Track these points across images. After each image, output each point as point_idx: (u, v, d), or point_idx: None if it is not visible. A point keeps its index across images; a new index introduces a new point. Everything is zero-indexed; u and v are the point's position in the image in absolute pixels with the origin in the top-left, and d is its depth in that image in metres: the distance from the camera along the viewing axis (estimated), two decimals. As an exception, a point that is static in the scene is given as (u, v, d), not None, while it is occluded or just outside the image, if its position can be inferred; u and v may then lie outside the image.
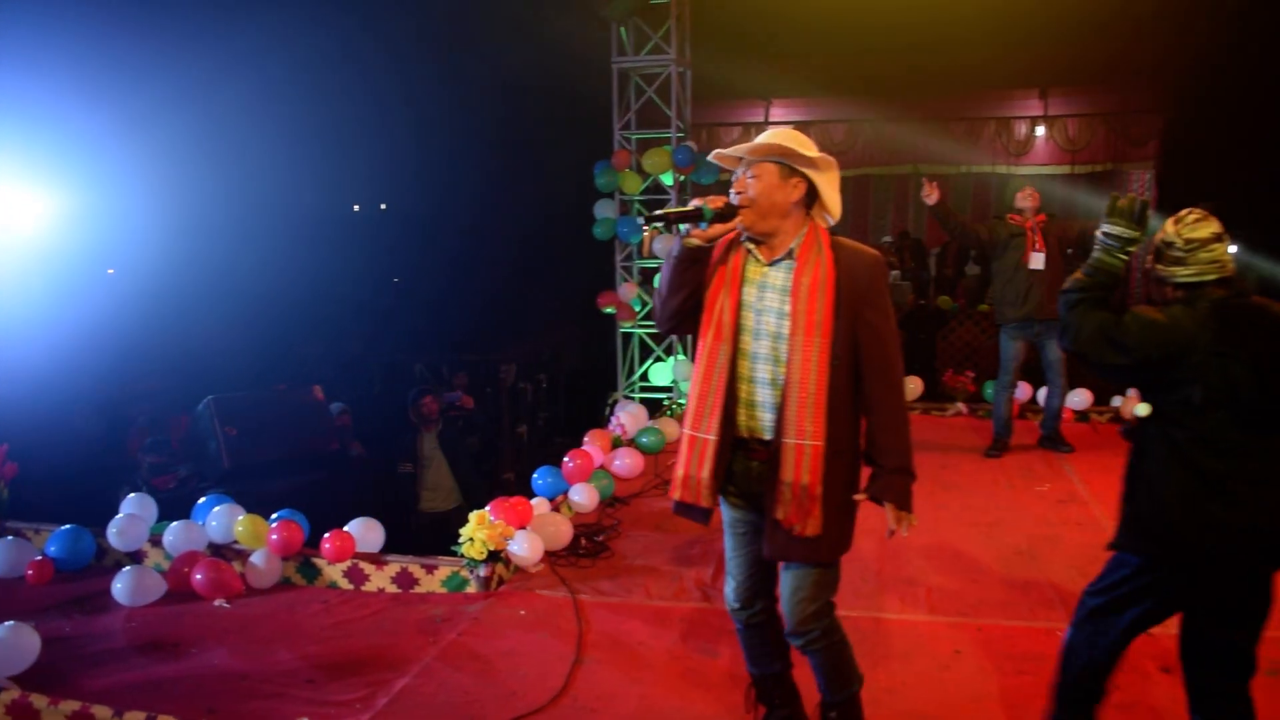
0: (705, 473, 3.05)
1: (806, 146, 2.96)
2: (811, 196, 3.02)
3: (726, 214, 2.98)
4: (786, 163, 2.96)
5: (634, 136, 9.08)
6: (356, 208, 19.95)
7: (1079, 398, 8.29)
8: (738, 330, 3.03)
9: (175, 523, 5.22)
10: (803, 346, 2.92)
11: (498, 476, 10.26)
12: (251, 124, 12.40)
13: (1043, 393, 8.16)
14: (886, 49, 14.05)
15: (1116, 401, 8.33)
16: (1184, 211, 2.99)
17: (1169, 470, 2.89)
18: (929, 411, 8.85)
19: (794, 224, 3.00)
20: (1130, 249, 2.99)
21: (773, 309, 2.99)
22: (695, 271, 3.06)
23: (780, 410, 2.96)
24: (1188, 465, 2.85)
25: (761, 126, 16.23)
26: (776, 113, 16.29)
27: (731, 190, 3.02)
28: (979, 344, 13.68)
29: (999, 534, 5.69)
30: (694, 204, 2.99)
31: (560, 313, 14.43)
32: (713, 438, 3.03)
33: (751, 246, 3.05)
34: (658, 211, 3.10)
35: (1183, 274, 2.92)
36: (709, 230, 2.98)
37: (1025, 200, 7.24)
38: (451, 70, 13.63)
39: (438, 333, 12.98)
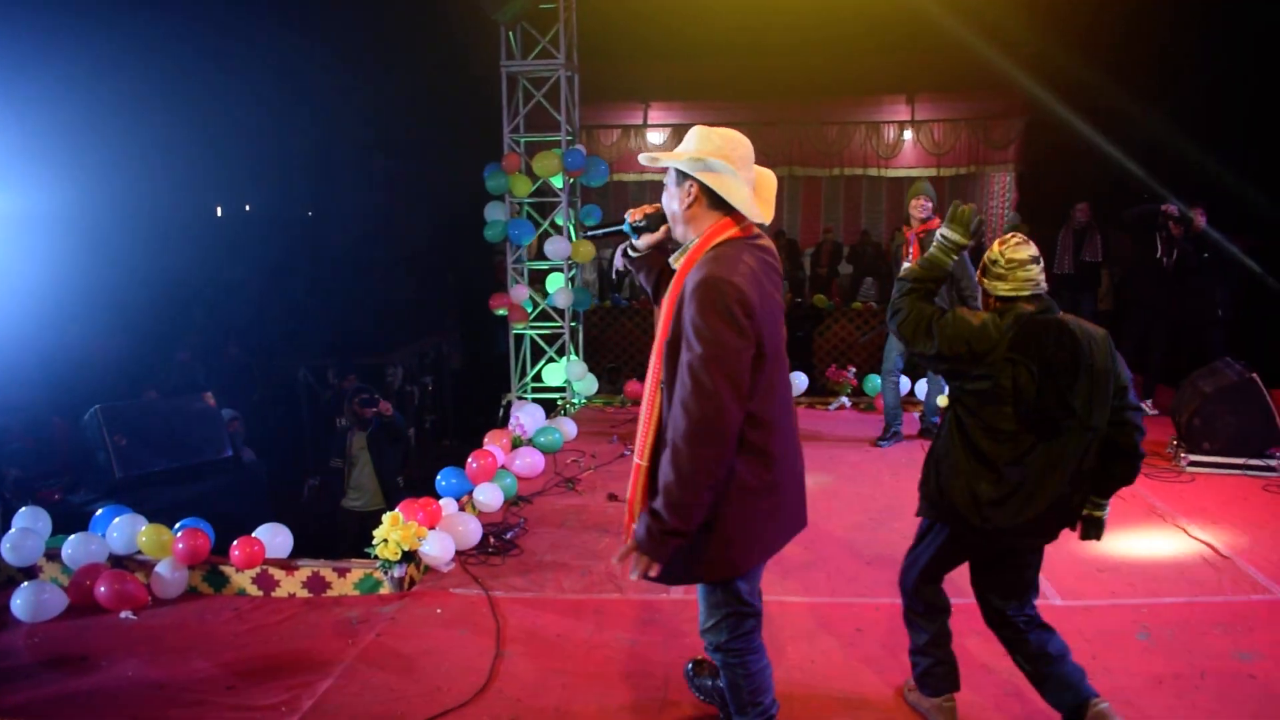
0: None
1: (706, 144, 2.87)
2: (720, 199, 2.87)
3: (650, 224, 3.12)
4: (678, 167, 2.90)
5: (523, 140, 9.16)
6: (219, 211, 19.39)
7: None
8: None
9: (74, 535, 5.09)
10: (651, 363, 2.98)
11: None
12: (119, 125, 11.98)
13: (921, 386, 8.59)
14: (762, 54, 14.48)
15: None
16: (1009, 235, 3.44)
17: (953, 449, 3.37)
18: (814, 405, 9.18)
19: (695, 232, 2.91)
20: (960, 251, 3.47)
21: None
22: (650, 274, 3.18)
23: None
24: (969, 447, 3.33)
25: (640, 129, 16.50)
26: (655, 115, 16.56)
27: None
28: (854, 340, 14.20)
29: (888, 520, 5.99)
30: (627, 217, 3.17)
31: (443, 314, 14.38)
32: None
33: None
34: (588, 231, 3.36)
35: (1003, 288, 3.35)
36: (639, 241, 3.16)
37: (915, 210, 7.28)
38: (333, 74, 13.43)
39: (318, 337, 12.76)
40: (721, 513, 2.85)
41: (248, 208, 19.64)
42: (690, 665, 3.87)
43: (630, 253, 3.20)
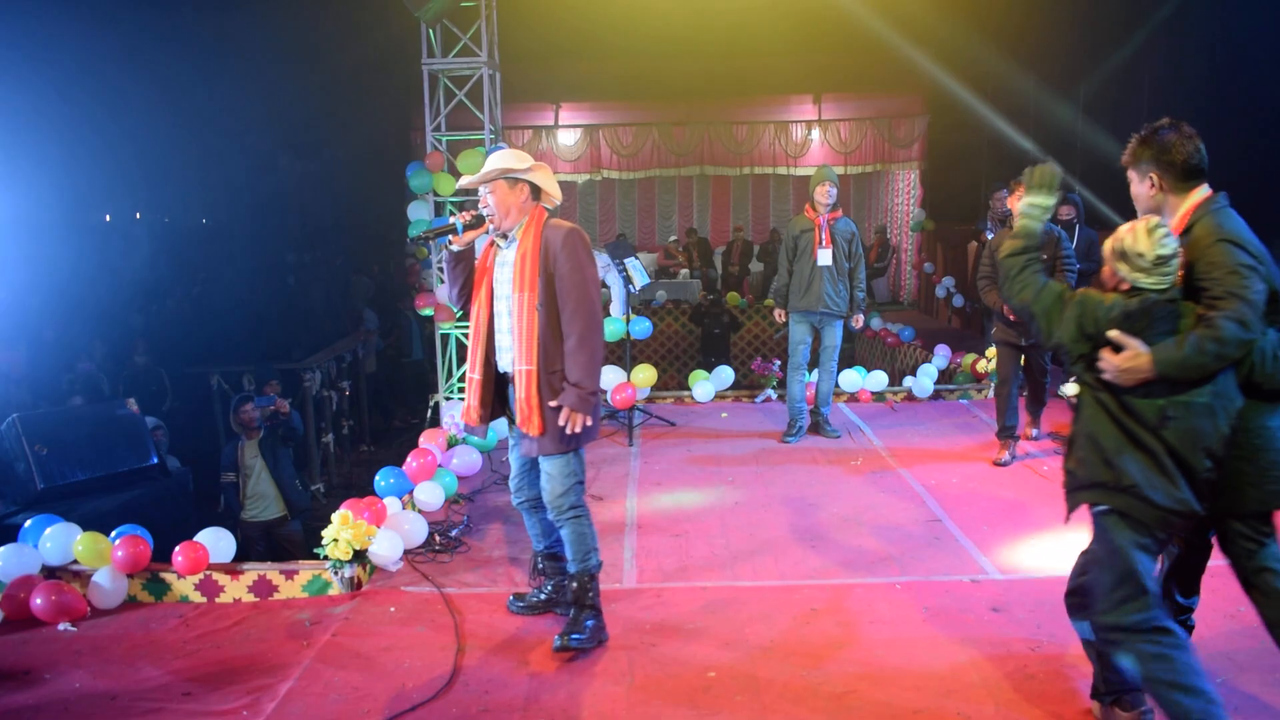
0: (475, 400, 4.27)
1: (523, 161, 4.07)
2: (537, 191, 4.13)
3: (475, 223, 4.15)
4: (511, 176, 4.05)
5: (444, 138, 9.08)
6: (108, 218, 18.72)
7: (876, 379, 8.97)
8: (491, 299, 4.20)
9: (4, 547, 4.89)
10: (519, 300, 4.04)
11: (306, 487, 10.01)
12: (5, 134, 11.49)
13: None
14: (671, 55, 14.64)
15: (908, 382, 9.07)
16: (1155, 224, 3.19)
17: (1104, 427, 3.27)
18: (739, 399, 9.30)
19: (520, 215, 4.10)
20: (1047, 215, 3.43)
21: (505, 278, 4.14)
22: (463, 266, 4.27)
23: (513, 348, 4.09)
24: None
25: (551, 130, 16.52)
26: (566, 115, 16.64)
27: (480, 204, 4.13)
28: (767, 336, 14.46)
29: (827, 505, 6.13)
30: (450, 220, 4.17)
31: (357, 318, 14.13)
32: (478, 376, 4.23)
33: (497, 238, 4.19)
34: (421, 233, 4.34)
35: (1144, 280, 3.16)
36: (463, 236, 4.16)
37: (822, 197, 7.33)
38: (235, 74, 13.09)
39: (230, 343, 12.39)
40: None
41: (138, 215, 19.00)
42: (511, 598, 4.70)
43: (454, 247, 4.19)
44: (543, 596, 4.62)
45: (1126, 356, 3.14)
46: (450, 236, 4.15)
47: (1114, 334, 3.18)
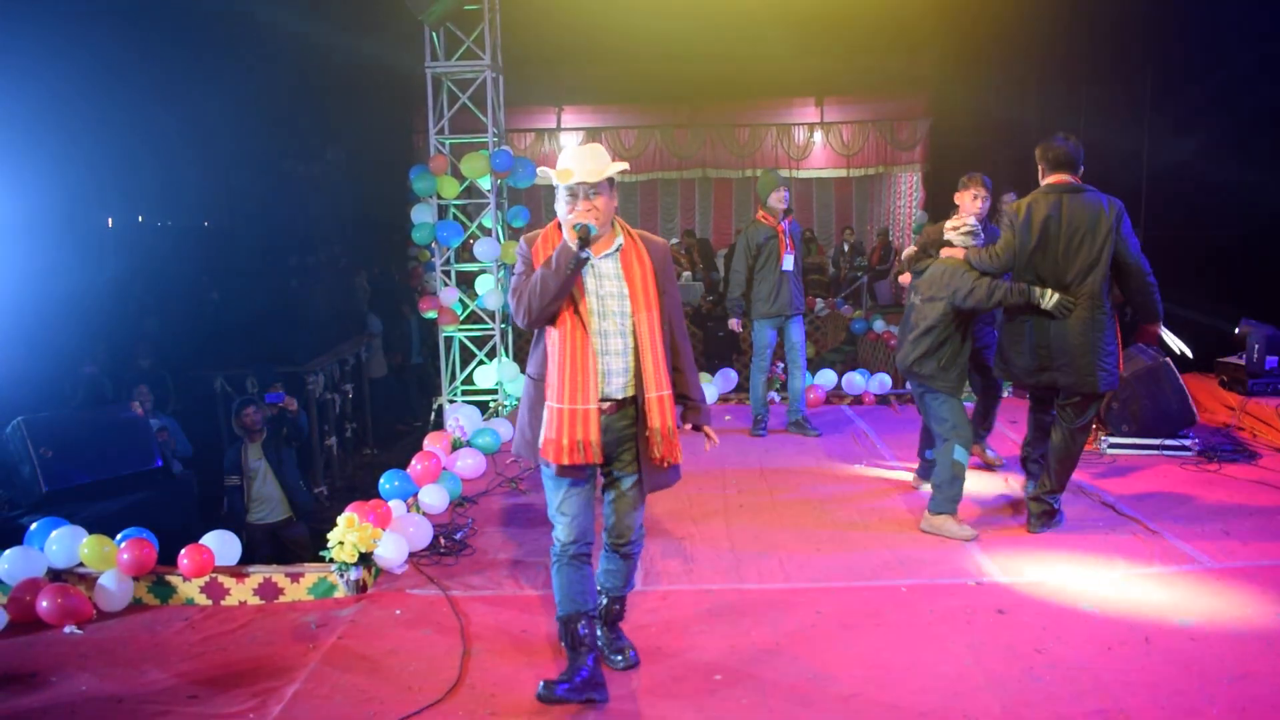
0: (594, 435, 3.64)
1: (611, 158, 3.70)
2: None
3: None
4: (610, 178, 3.64)
5: (448, 141, 9.10)
6: (110, 222, 18.69)
7: (880, 381, 8.98)
8: (588, 315, 3.65)
9: (11, 550, 4.90)
10: (646, 319, 3.66)
11: (309, 490, 10.02)
12: (8, 136, 11.47)
13: (830, 377, 8.79)
14: (674, 58, 14.64)
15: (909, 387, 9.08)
16: (953, 218, 5.85)
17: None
18: (743, 401, 9.29)
19: (609, 220, 3.69)
20: None
21: (613, 293, 3.68)
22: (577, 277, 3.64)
23: (637, 372, 3.69)
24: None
25: (554, 133, 16.54)
26: (568, 119, 16.66)
27: (580, 208, 3.56)
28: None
29: (831, 508, 6.13)
30: (580, 226, 3.51)
31: (362, 321, 14.12)
32: (593, 407, 3.64)
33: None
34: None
35: (949, 236, 5.77)
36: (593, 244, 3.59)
37: (778, 202, 7.57)
38: (238, 77, 13.08)
39: (235, 346, 12.40)
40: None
41: (140, 219, 18.96)
42: (541, 688, 3.78)
43: (583, 253, 3.53)
44: (588, 667, 3.80)
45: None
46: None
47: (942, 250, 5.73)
